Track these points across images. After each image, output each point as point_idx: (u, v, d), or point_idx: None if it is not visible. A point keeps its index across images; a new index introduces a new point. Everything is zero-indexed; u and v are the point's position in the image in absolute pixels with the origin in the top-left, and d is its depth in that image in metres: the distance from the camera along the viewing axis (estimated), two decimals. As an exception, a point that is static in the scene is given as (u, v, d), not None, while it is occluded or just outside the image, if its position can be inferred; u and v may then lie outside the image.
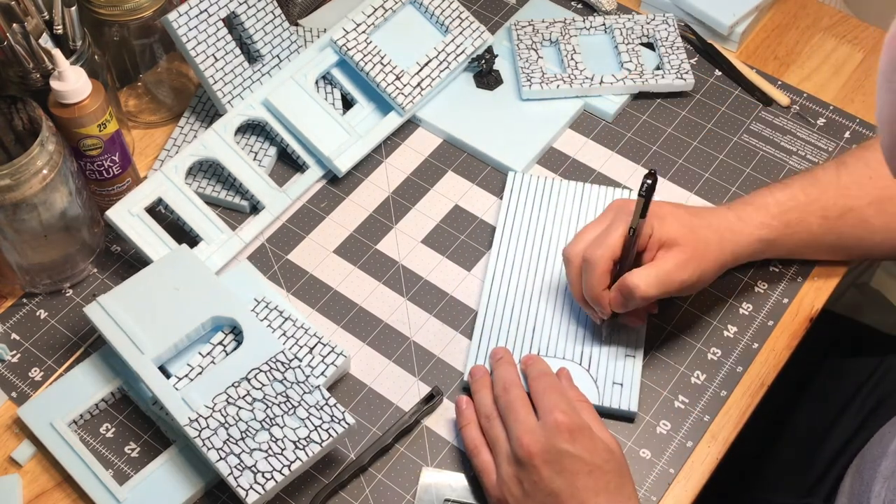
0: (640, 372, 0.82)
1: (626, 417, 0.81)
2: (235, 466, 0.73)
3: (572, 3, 1.10)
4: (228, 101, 0.95)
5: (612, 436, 0.74)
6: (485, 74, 1.01)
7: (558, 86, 0.99)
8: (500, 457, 0.74)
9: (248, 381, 0.77)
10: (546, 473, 0.71)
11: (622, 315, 0.82)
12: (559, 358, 0.83)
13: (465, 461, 0.79)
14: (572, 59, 1.01)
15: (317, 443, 0.74)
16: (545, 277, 0.88)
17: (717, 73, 1.04)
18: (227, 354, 0.80)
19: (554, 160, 0.97)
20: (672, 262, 0.78)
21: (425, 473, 0.78)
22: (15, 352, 0.85)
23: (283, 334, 0.82)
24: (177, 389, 0.77)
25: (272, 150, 0.96)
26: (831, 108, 1.01)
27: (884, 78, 0.47)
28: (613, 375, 0.82)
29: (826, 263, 0.90)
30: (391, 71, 0.98)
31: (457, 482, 0.78)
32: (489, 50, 1.01)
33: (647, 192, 0.74)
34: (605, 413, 0.80)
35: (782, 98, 1.01)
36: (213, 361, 0.80)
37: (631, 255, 0.78)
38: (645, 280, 0.77)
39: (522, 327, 0.85)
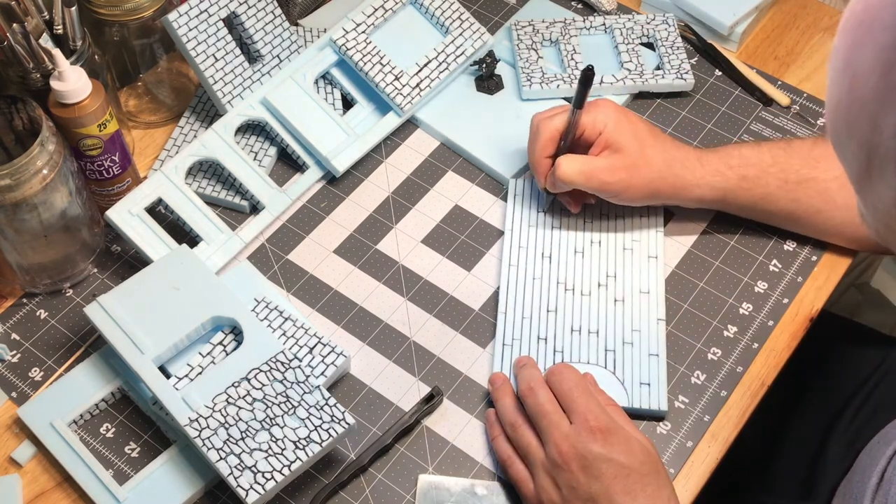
0: (666, 369, 0.82)
1: (656, 417, 0.81)
2: (235, 466, 0.73)
3: (572, 3, 1.10)
4: (228, 101, 0.95)
5: (645, 436, 0.74)
6: (486, 78, 1.01)
7: (558, 86, 0.99)
8: (535, 466, 0.74)
9: (248, 381, 0.77)
10: (583, 479, 0.71)
11: (560, 195, 0.89)
12: (584, 363, 0.82)
13: (465, 463, 0.79)
14: (572, 59, 1.01)
15: (317, 443, 0.74)
16: (560, 284, 0.87)
17: (717, 73, 1.04)
18: (227, 354, 0.80)
19: (554, 160, 0.97)
20: (605, 163, 0.84)
21: (422, 480, 0.78)
22: (15, 352, 0.85)
23: (283, 334, 0.82)
24: (177, 389, 0.77)
25: (272, 150, 0.96)
26: (831, 108, 1.01)
27: (839, 61, 0.44)
28: (640, 376, 0.81)
29: (826, 263, 0.90)
30: (390, 71, 0.98)
31: (455, 486, 0.78)
32: (490, 54, 1.01)
33: (581, 82, 0.80)
34: (635, 414, 0.80)
35: (782, 98, 1.01)
36: (213, 361, 0.80)
37: (568, 137, 0.85)
38: (570, 164, 0.83)
39: (543, 335, 0.84)
